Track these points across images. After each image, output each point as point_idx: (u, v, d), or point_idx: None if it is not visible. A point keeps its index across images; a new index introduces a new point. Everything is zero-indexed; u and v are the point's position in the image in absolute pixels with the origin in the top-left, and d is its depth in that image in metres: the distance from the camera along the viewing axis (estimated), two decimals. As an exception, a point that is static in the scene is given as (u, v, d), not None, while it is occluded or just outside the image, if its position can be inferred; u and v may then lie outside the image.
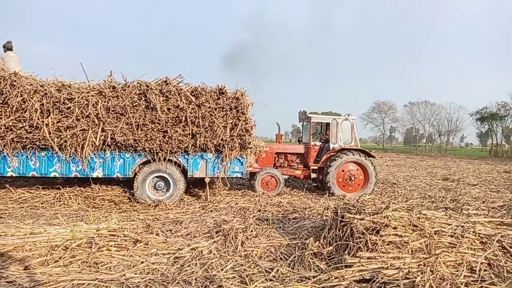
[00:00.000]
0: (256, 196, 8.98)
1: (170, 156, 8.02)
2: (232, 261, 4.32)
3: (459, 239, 4.28)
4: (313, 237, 4.92)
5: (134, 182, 7.97)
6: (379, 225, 4.34)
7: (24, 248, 4.36)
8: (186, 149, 8.04)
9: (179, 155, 8.15)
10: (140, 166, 8.14)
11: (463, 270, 3.81)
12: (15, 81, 7.26)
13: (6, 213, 6.57)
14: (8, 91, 7.14)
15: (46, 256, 4.20)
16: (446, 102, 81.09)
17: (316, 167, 10.24)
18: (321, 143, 10.75)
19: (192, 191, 9.57)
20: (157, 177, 8.14)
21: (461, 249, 4.14)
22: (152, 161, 8.04)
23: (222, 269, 4.06)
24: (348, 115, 10.55)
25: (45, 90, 7.32)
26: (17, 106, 7.15)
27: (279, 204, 8.00)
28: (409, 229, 4.32)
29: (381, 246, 4.12)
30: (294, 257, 4.46)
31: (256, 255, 4.54)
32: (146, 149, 7.80)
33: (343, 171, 9.81)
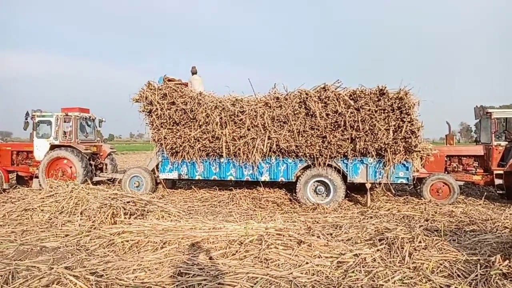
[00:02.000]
0: (422, 203, 8.13)
1: (329, 161, 8.17)
2: (400, 272, 4.08)
3: None
4: (500, 255, 4.19)
5: (297, 184, 8.46)
6: None
7: (208, 241, 5.17)
8: (345, 153, 8.02)
9: (338, 160, 8.20)
10: (301, 171, 8.58)
11: None
12: (200, 99, 8.82)
13: (193, 210, 7.99)
14: (196, 109, 8.71)
15: (225, 249, 4.88)
16: None
17: (501, 172, 8.60)
18: (507, 142, 8.99)
19: (349, 195, 9.44)
20: (317, 181, 8.41)
21: None
22: (312, 166, 8.36)
23: (389, 280, 3.89)
24: (547, 107, 8.49)
25: (223, 105, 8.62)
26: (203, 121, 8.63)
27: (451, 214, 7.06)
28: None
29: None
30: (476, 275, 3.89)
31: (427, 268, 4.17)
32: (307, 154, 8.19)
33: (541, 177, 7.95)
